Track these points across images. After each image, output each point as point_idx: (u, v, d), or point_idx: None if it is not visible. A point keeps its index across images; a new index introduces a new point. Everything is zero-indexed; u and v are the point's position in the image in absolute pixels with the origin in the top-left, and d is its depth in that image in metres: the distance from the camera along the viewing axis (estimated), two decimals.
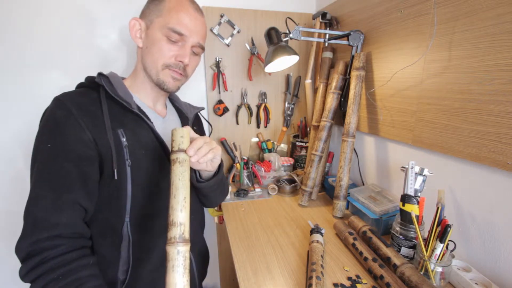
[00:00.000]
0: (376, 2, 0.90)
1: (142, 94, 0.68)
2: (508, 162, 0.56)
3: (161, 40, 0.61)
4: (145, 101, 0.69)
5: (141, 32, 0.64)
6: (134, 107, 0.61)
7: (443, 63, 0.69)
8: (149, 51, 0.62)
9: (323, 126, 1.02)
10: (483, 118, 0.61)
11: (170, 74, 0.65)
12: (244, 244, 0.79)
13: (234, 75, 1.25)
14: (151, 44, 0.62)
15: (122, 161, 0.57)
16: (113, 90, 0.59)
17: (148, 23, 0.62)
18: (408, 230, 0.68)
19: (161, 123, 0.70)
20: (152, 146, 0.63)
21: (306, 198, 1.03)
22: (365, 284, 0.63)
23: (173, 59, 0.63)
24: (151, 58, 0.63)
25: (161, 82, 0.65)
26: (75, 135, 0.53)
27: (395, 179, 0.92)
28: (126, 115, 0.60)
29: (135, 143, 0.60)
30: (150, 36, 0.62)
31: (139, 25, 0.63)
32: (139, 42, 0.64)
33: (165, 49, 0.62)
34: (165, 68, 0.63)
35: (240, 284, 0.64)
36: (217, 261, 1.46)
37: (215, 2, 1.15)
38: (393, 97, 0.86)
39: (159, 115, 0.71)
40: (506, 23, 0.55)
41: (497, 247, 0.62)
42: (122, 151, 0.57)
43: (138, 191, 0.60)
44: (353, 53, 0.98)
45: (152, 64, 0.63)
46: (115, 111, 0.59)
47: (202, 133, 0.89)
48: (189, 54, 0.64)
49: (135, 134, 0.60)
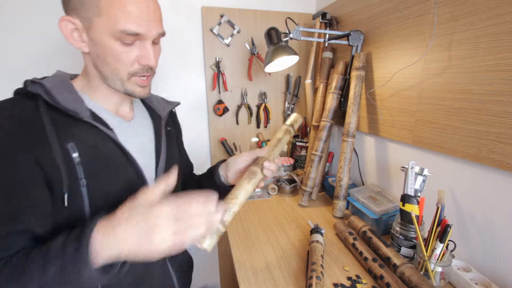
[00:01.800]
0: (376, 2, 0.90)
1: (99, 96, 0.56)
2: (508, 162, 0.56)
3: (115, 46, 0.49)
4: (104, 104, 0.56)
5: (80, 34, 0.49)
6: (85, 115, 0.50)
7: (443, 63, 0.69)
8: (103, 60, 0.50)
9: (323, 126, 1.02)
10: (483, 118, 0.61)
11: (137, 83, 0.54)
12: (244, 244, 0.79)
13: (234, 75, 1.25)
14: (104, 52, 0.49)
15: (75, 182, 0.47)
16: (53, 99, 0.47)
17: (86, 23, 0.48)
18: (408, 230, 0.68)
19: (126, 129, 0.58)
20: (113, 158, 0.53)
21: (306, 198, 1.03)
22: (365, 284, 0.63)
23: (137, 63, 0.52)
24: (109, 68, 0.51)
25: (130, 92, 0.55)
26: (13, 156, 0.43)
27: (395, 179, 0.92)
28: (76, 125, 0.49)
29: (92, 158, 0.49)
30: (97, 42, 0.49)
31: (73, 25, 0.48)
32: (83, 46, 0.50)
33: (123, 56, 0.50)
34: (131, 76, 0.53)
35: (240, 284, 0.64)
36: (217, 261, 1.46)
37: (215, 2, 1.15)
38: (393, 97, 0.86)
39: (123, 119, 0.59)
40: (506, 23, 0.55)
41: (497, 247, 0.62)
42: (74, 169, 0.47)
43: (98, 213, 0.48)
44: (353, 53, 0.98)
45: (113, 76, 0.52)
46: (62, 122, 0.48)
47: (178, 133, 0.78)
48: (153, 53, 0.52)
49: (91, 147, 0.50)
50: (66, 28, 0.49)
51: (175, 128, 0.76)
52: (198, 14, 1.15)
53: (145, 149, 0.60)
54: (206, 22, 1.15)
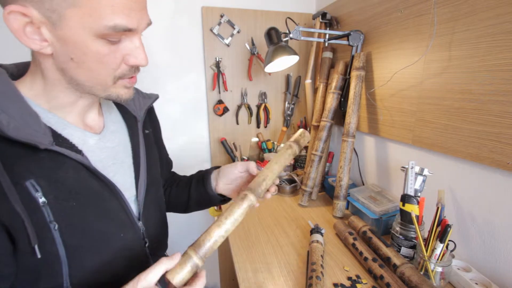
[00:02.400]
0: (376, 2, 0.90)
1: (61, 106, 0.44)
2: (508, 162, 0.56)
3: (98, 46, 0.38)
4: (67, 116, 0.45)
5: (37, 30, 0.36)
6: (44, 141, 0.38)
7: (443, 63, 0.69)
8: (82, 65, 0.39)
9: (323, 126, 1.02)
10: (483, 118, 0.61)
11: (124, 85, 0.44)
12: (244, 244, 0.79)
13: (234, 75, 1.25)
14: (82, 56, 0.38)
15: (44, 228, 0.38)
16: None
17: (52, 17, 0.35)
18: (408, 230, 0.68)
19: (96, 144, 0.48)
20: (86, 188, 0.43)
21: (306, 198, 1.03)
22: (365, 284, 0.63)
23: (124, 64, 0.42)
24: (90, 74, 0.40)
25: (113, 98, 0.44)
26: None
27: (395, 179, 0.92)
28: (34, 155, 0.38)
29: (60, 194, 0.40)
30: (70, 42, 0.37)
31: (26, 17, 0.35)
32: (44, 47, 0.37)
33: (109, 58, 0.39)
34: (118, 80, 0.43)
35: (240, 284, 0.64)
36: (217, 261, 1.46)
37: (215, 2, 1.15)
38: (393, 97, 0.86)
39: (91, 132, 0.48)
40: (506, 23, 0.55)
41: (497, 247, 0.62)
42: (41, 213, 0.38)
43: (76, 255, 0.42)
44: (353, 53, 0.98)
45: (94, 82, 0.41)
46: (12, 155, 0.37)
47: (157, 132, 0.68)
48: (143, 50, 0.42)
49: (56, 181, 0.40)
50: (16, 22, 0.35)
51: (153, 127, 0.65)
52: (198, 14, 1.15)
53: (121, 164, 0.51)
54: (206, 22, 1.15)
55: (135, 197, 0.52)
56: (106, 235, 0.46)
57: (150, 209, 0.56)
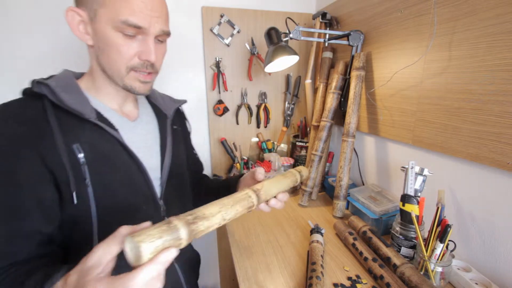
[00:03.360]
0: (376, 2, 0.90)
1: (104, 95, 0.57)
2: (508, 162, 0.56)
3: (116, 37, 0.49)
4: (109, 103, 0.57)
5: (85, 26, 0.50)
6: (90, 116, 0.50)
7: (443, 63, 0.69)
8: (104, 52, 0.50)
9: (323, 126, 1.02)
10: (483, 118, 0.61)
11: (137, 78, 0.54)
12: (244, 244, 0.79)
13: (234, 75, 1.24)
14: (104, 44, 0.50)
15: (81, 182, 0.48)
16: (59, 99, 0.48)
17: (92, 14, 0.48)
18: (408, 230, 0.68)
19: (130, 129, 0.59)
20: (118, 159, 0.53)
21: (306, 198, 1.03)
22: (365, 284, 0.63)
23: (137, 58, 0.52)
24: (109, 60, 0.51)
25: (129, 88, 0.54)
26: (19, 155, 0.44)
27: (395, 179, 0.92)
28: (82, 125, 0.50)
29: (96, 159, 0.50)
30: (100, 33, 0.49)
31: (80, 17, 0.49)
32: (87, 39, 0.51)
33: (124, 48, 0.50)
34: (130, 71, 0.52)
35: (240, 284, 0.64)
36: (217, 261, 1.46)
37: (215, 2, 1.15)
38: (393, 97, 0.86)
39: (128, 119, 0.60)
40: (506, 23, 0.55)
41: (497, 247, 0.62)
42: (80, 169, 0.48)
43: (104, 213, 0.51)
44: (353, 53, 0.98)
45: (113, 68, 0.52)
46: (67, 123, 0.49)
47: (185, 131, 0.78)
48: (154, 49, 0.52)
49: (95, 148, 0.50)
50: (73, 19, 0.49)
51: (183, 127, 0.76)
52: (198, 14, 1.15)
53: (150, 149, 0.61)
54: (206, 22, 1.15)
55: (159, 179, 0.61)
56: (131, 204, 0.54)
57: (172, 193, 0.63)
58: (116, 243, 0.34)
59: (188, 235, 0.35)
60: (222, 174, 1.33)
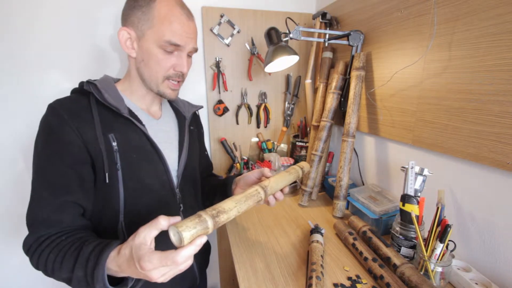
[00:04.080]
0: (376, 2, 0.90)
1: (136, 97, 0.68)
2: (508, 162, 0.56)
3: (158, 53, 0.61)
4: (139, 104, 0.69)
5: (132, 42, 0.62)
6: (124, 112, 0.61)
7: (443, 63, 0.69)
8: (147, 64, 0.62)
9: (323, 126, 1.02)
10: (483, 118, 0.61)
11: (169, 86, 0.66)
12: (244, 244, 0.80)
13: (234, 75, 1.24)
14: (148, 58, 0.62)
15: (113, 165, 0.59)
16: (102, 97, 0.60)
17: (139, 34, 0.61)
18: (408, 230, 0.68)
19: (155, 125, 0.70)
20: (144, 149, 0.63)
21: (306, 198, 1.03)
22: (365, 284, 0.63)
23: (172, 70, 0.64)
24: (150, 71, 0.63)
25: (162, 93, 0.66)
26: (68, 140, 0.55)
27: (395, 179, 0.92)
28: (116, 119, 0.61)
29: (126, 147, 0.61)
30: (145, 49, 0.61)
31: (128, 35, 0.62)
32: (132, 52, 0.63)
33: (163, 62, 0.62)
34: (165, 79, 0.64)
35: (240, 284, 0.64)
36: (217, 261, 1.46)
37: (215, 2, 1.15)
38: (393, 97, 0.86)
39: (153, 117, 0.71)
40: (506, 23, 0.55)
41: (497, 247, 0.62)
42: (113, 155, 0.59)
43: (130, 194, 0.61)
44: (353, 53, 0.98)
45: (152, 77, 0.64)
46: (106, 116, 0.60)
47: (200, 132, 0.89)
48: (187, 63, 0.65)
49: (126, 138, 0.61)
50: (123, 36, 0.62)
51: (198, 129, 0.87)
52: (198, 14, 1.15)
53: (170, 143, 0.72)
54: (206, 22, 1.15)
55: (176, 170, 0.70)
56: (153, 190, 0.64)
57: (186, 183, 0.74)
58: (155, 228, 0.43)
59: (213, 225, 0.45)
60: (222, 174, 1.33)
